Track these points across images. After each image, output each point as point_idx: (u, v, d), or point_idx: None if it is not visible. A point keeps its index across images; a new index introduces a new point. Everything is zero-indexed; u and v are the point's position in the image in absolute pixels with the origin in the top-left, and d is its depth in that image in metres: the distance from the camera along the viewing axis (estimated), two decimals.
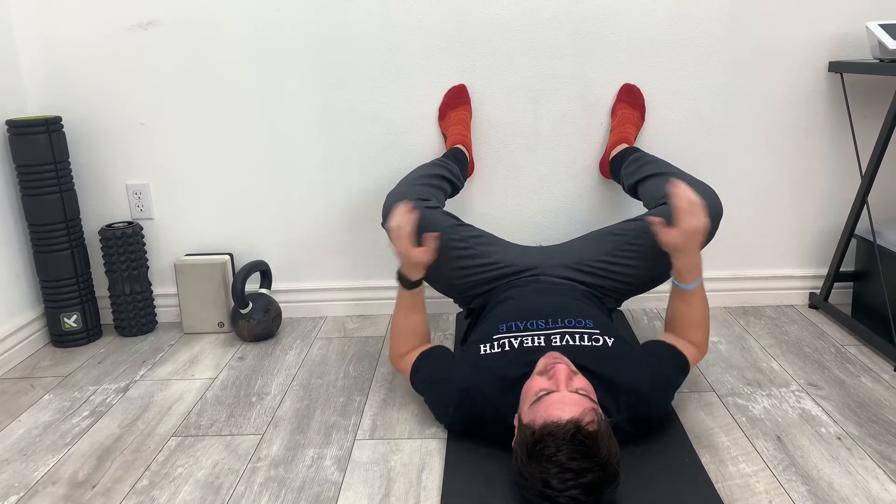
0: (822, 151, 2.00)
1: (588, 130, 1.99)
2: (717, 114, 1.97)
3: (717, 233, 1.67)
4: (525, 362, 1.34)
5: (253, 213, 2.07)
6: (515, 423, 1.27)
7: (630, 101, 1.94)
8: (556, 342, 1.39)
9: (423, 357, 1.50)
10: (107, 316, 2.13)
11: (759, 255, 2.09)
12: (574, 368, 1.25)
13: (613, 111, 1.96)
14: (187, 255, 2.08)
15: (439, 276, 1.65)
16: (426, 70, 1.94)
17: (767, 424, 1.46)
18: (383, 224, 1.62)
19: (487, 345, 1.42)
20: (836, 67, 1.88)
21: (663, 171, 1.71)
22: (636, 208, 2.04)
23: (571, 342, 1.39)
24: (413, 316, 1.56)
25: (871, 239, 1.87)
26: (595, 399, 1.21)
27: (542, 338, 1.40)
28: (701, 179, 1.65)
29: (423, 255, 1.49)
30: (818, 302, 2.04)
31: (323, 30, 1.91)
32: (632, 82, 1.95)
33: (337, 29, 1.91)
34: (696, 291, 1.48)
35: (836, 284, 2.01)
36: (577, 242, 1.72)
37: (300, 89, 1.96)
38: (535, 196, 2.04)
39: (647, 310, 2.11)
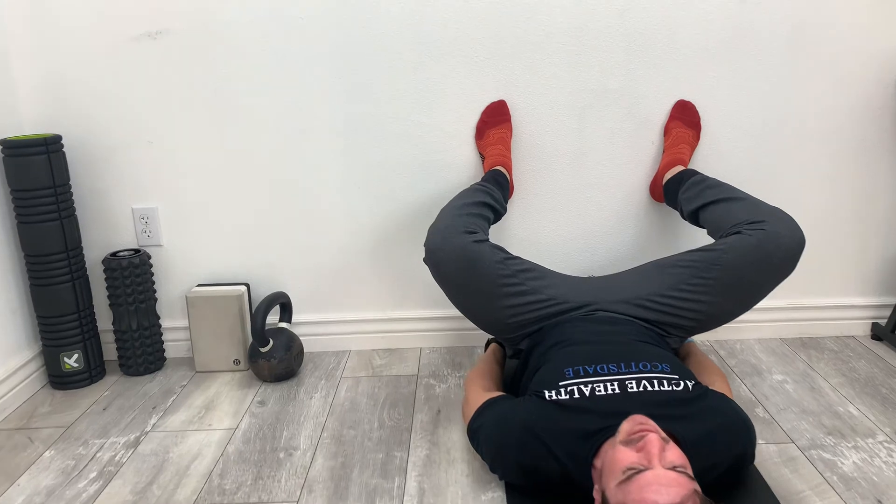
0: (886, 173, 1.85)
1: (638, 150, 1.83)
2: (776, 132, 1.82)
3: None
4: (600, 414, 1.20)
5: (271, 240, 1.90)
6: (597, 496, 1.11)
7: (685, 119, 1.79)
8: (631, 388, 1.24)
9: (490, 403, 1.34)
10: (110, 352, 1.94)
11: (819, 282, 1.94)
12: (664, 435, 1.09)
13: (667, 129, 1.80)
14: (199, 285, 1.90)
15: (489, 315, 1.49)
16: (462, 84, 1.78)
17: (863, 485, 1.31)
18: (426, 259, 1.46)
19: (553, 391, 1.26)
20: None
21: (731, 197, 1.56)
22: (689, 234, 1.89)
23: (649, 388, 1.24)
24: (488, 363, 1.58)
25: None
26: (692, 474, 1.06)
27: (616, 384, 1.25)
28: (775, 206, 1.49)
29: None
30: (883, 333, 1.89)
31: (348, 40, 1.75)
32: (686, 98, 1.79)
33: (363, 39, 1.74)
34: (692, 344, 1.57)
35: None
36: (634, 274, 1.56)
37: (323, 105, 1.79)
38: (579, 220, 1.88)
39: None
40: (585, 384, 1.26)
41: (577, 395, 1.25)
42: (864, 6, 1.73)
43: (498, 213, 1.66)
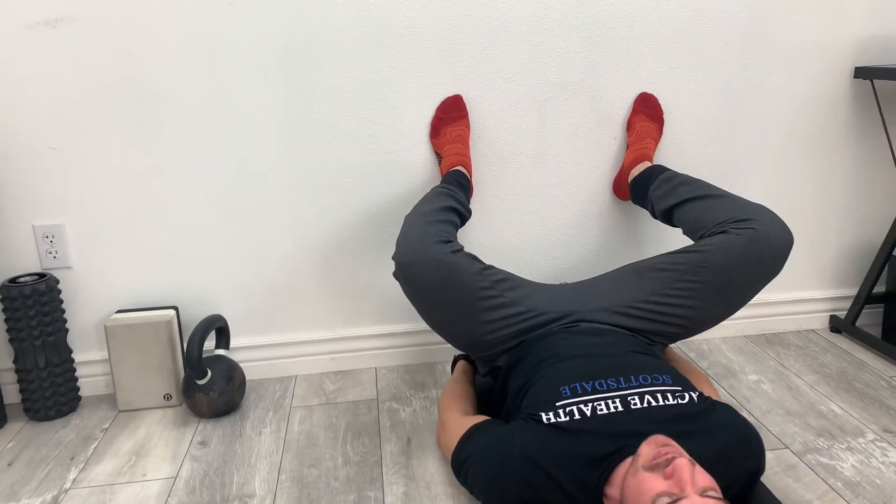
0: (842, 164, 1.85)
1: (601, 146, 1.74)
2: (735, 124, 1.77)
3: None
4: (606, 435, 1.08)
5: (201, 256, 1.67)
6: None
7: (648, 113, 1.71)
8: (635, 404, 1.13)
9: (475, 430, 1.20)
10: (11, 395, 1.66)
11: (778, 276, 1.92)
12: (691, 458, 0.98)
13: (629, 124, 1.72)
14: (119, 311, 1.65)
15: (465, 332, 1.34)
16: (414, 78, 1.63)
17: (869, 490, 1.25)
18: (397, 273, 1.30)
19: (550, 413, 1.13)
20: (863, 73, 1.72)
21: (708, 194, 1.48)
22: (657, 233, 1.81)
23: (654, 402, 1.14)
24: (461, 384, 1.44)
25: None
26: (721, 496, 0.95)
27: (618, 401, 1.14)
28: (759, 203, 1.43)
29: None
30: (843, 325, 1.89)
31: (287, 30, 1.55)
32: (648, 90, 1.72)
33: (303, 28, 1.56)
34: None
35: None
36: (612, 280, 1.46)
37: (259, 103, 1.59)
38: (541, 222, 1.77)
39: None
40: (585, 403, 1.14)
41: (577, 416, 1.12)
42: None
43: (463, 218, 1.52)
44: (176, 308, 1.66)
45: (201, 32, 1.53)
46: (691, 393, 1.17)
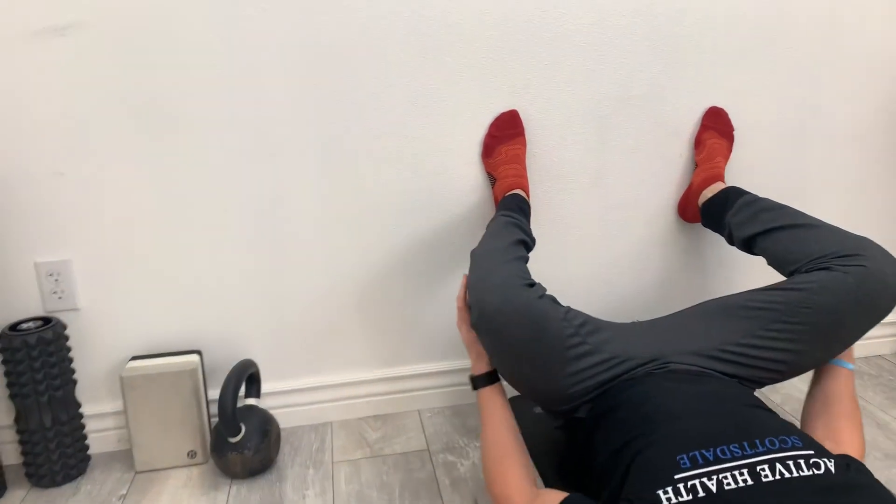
0: None
1: (666, 164, 1.59)
2: (808, 138, 1.64)
3: None
4: None
5: (226, 294, 1.48)
6: None
7: (718, 129, 1.57)
8: (766, 476, 0.97)
9: None
10: (11, 456, 1.46)
11: None
12: None
13: (698, 140, 1.57)
14: (134, 357, 1.46)
15: (548, 384, 1.18)
16: (465, 92, 1.46)
17: None
18: (479, 324, 1.14)
19: (670, 490, 0.97)
20: None
21: (798, 223, 1.32)
22: (722, 256, 1.67)
23: (786, 474, 0.98)
24: (504, 427, 1.16)
25: None
26: None
27: (746, 471, 0.98)
28: (862, 235, 1.29)
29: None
30: None
31: (320, 40, 1.38)
32: (717, 104, 1.57)
33: (339, 39, 1.38)
34: (852, 374, 1.19)
35: None
36: (695, 319, 1.30)
37: (289, 122, 1.41)
38: (602, 249, 1.61)
39: None
40: (709, 476, 0.98)
41: (701, 493, 0.96)
42: None
43: (530, 249, 1.35)
44: (199, 352, 1.47)
45: (224, 41, 1.34)
46: (825, 460, 1.01)
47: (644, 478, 1.01)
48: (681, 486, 0.97)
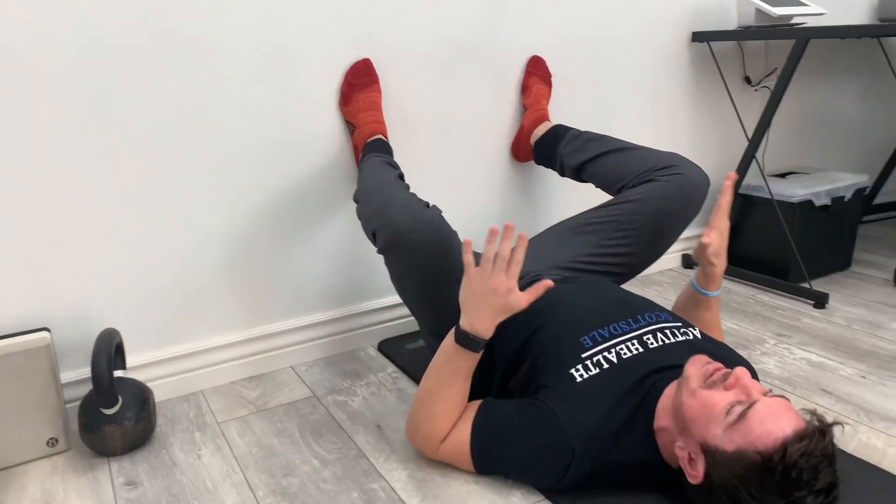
0: (690, 121, 2.09)
1: (499, 109, 1.76)
2: (607, 85, 1.92)
3: None
4: (637, 379, 1.10)
5: (76, 262, 1.35)
6: (681, 453, 1.01)
7: (540, 75, 1.77)
8: (651, 343, 1.17)
9: (482, 420, 1.13)
10: None
11: None
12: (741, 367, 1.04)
13: (525, 86, 1.76)
14: None
15: (448, 300, 1.26)
16: (316, 40, 1.49)
17: (799, 381, 1.44)
18: (387, 248, 1.19)
19: (580, 367, 1.12)
20: (700, 37, 1.97)
21: (620, 147, 1.56)
22: (553, 189, 1.88)
23: (666, 340, 1.18)
24: (460, 384, 1.14)
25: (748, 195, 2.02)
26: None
27: (636, 342, 1.17)
28: (669, 150, 1.56)
29: (526, 300, 1.10)
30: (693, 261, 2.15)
31: None
32: (538, 53, 1.78)
33: None
34: (717, 298, 1.40)
35: None
36: (548, 240, 1.49)
37: (143, 68, 1.33)
38: (451, 192, 1.74)
39: None
40: (609, 350, 1.15)
41: (605, 366, 1.12)
42: None
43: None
44: (48, 329, 1.32)
45: None
46: (693, 329, 1.22)
47: (555, 362, 1.14)
48: (588, 362, 1.13)
